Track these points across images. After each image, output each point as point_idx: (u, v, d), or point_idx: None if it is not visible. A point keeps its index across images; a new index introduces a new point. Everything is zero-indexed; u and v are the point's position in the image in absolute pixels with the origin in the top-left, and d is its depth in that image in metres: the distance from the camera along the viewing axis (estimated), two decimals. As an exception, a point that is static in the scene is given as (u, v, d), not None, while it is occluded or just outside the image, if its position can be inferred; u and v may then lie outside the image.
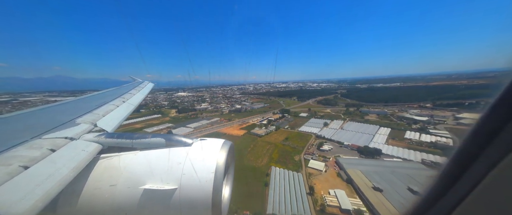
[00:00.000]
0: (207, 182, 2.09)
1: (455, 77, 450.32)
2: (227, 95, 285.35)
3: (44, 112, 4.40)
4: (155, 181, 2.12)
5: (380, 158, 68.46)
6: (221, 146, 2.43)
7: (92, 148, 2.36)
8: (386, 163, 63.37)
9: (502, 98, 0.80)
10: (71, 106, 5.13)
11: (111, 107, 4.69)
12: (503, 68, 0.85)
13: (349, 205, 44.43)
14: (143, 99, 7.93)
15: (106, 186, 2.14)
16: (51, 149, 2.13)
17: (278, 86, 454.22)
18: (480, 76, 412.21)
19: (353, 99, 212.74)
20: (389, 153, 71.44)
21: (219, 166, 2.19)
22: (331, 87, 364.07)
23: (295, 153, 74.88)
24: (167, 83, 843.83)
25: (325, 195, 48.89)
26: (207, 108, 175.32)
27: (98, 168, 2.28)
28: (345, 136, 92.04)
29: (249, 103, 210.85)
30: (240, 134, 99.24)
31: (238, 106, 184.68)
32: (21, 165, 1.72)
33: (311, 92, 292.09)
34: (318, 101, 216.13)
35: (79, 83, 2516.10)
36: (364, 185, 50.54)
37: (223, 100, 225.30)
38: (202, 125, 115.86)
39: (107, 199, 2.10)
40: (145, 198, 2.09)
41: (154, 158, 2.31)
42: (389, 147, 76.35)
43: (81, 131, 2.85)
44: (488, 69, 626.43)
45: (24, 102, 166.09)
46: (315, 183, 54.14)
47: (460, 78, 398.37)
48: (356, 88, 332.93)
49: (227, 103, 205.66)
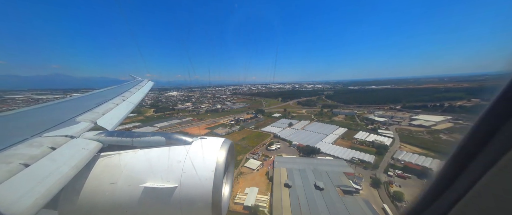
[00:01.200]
0: (207, 181, 2.08)
1: (447, 80, 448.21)
2: (216, 95, 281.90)
3: (44, 111, 4.27)
4: (155, 179, 2.11)
5: (315, 157, 69.85)
6: (221, 145, 2.42)
7: (92, 146, 2.32)
8: (316, 161, 65.20)
9: (499, 99, 0.80)
10: (71, 105, 5.03)
11: (111, 106, 4.58)
12: (499, 71, 0.85)
13: (253, 202, 45.10)
14: (143, 98, 7.73)
15: (107, 184, 2.12)
16: (52, 147, 2.10)
17: (274, 87, 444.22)
18: (472, 79, 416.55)
19: (334, 101, 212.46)
20: (327, 152, 72.71)
21: (219, 165, 2.19)
22: (323, 89, 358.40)
23: (242, 153, 75.65)
24: (167, 82, 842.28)
25: (239, 193, 49.30)
26: (188, 107, 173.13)
27: (99, 166, 2.25)
28: (300, 136, 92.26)
29: (232, 103, 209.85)
30: (201, 133, 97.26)
31: (219, 106, 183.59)
32: (21, 163, 1.69)
33: (300, 93, 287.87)
34: (299, 102, 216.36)
35: (78, 81, 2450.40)
36: (279, 182, 51.77)
37: (208, 100, 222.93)
38: (170, 125, 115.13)
39: (107, 197, 2.08)
40: (146, 196, 2.07)
41: (154, 157, 2.28)
42: (332, 146, 77.86)
43: (81, 129, 2.81)
44: (485, 72, 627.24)
45: (6, 100, 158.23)
46: (238, 182, 54.82)
47: (451, 81, 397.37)
48: (347, 89, 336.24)
49: (209, 103, 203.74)
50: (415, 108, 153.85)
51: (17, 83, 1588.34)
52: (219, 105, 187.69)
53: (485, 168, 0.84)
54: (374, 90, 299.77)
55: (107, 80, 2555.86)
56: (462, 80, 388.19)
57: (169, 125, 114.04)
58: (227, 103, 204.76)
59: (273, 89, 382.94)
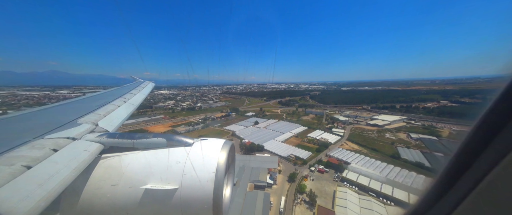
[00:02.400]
0: (208, 182, 2.06)
1: (438, 82, 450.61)
2: (205, 94, 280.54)
3: (46, 113, 4.23)
4: (156, 181, 2.08)
5: (254, 154, 70.89)
6: (222, 146, 2.39)
7: (93, 148, 2.28)
8: (252, 158, 65.65)
9: (501, 98, 0.79)
10: (73, 106, 4.99)
11: (112, 107, 4.59)
12: (493, 74, 0.90)
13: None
14: (143, 99, 7.62)
15: (108, 186, 2.08)
16: (53, 149, 2.06)
17: (269, 87, 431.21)
18: (462, 81, 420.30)
19: (315, 101, 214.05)
20: (270, 149, 74.22)
21: (220, 166, 2.16)
22: (315, 89, 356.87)
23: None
24: (166, 81, 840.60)
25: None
26: (168, 105, 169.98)
27: (100, 168, 2.21)
28: (256, 135, 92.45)
29: (214, 101, 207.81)
30: (162, 131, 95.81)
31: (199, 104, 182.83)
32: (23, 165, 1.67)
33: (288, 93, 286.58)
34: (280, 101, 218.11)
35: (75, 78, 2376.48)
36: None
37: (192, 99, 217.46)
38: (136, 122, 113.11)
39: (108, 199, 2.04)
40: (146, 198, 2.03)
41: (155, 158, 2.25)
42: (279, 144, 79.50)
43: (83, 131, 2.76)
44: (479, 75, 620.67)
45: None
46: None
47: (442, 83, 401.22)
48: (336, 90, 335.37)
49: (192, 101, 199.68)
50: (385, 108, 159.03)
51: (12, 80, 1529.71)
52: (199, 104, 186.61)
53: (489, 167, 0.82)
54: (361, 91, 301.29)
55: (105, 78, 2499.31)
56: (451, 83, 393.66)
57: (135, 122, 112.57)
58: (209, 102, 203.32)
59: (266, 89, 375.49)
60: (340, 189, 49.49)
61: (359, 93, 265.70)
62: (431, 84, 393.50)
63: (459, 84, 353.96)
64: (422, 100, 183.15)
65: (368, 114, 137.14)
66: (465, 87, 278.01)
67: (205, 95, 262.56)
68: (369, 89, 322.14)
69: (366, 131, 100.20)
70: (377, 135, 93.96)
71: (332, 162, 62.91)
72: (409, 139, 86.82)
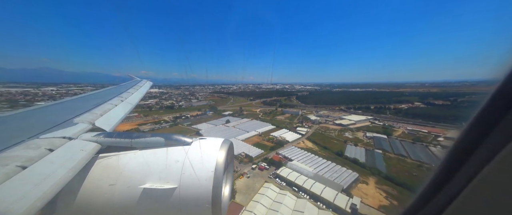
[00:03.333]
0: (206, 181, 2.02)
1: (428, 85, 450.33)
2: (194, 92, 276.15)
3: (41, 112, 4.09)
4: (154, 180, 2.03)
5: None
6: (220, 145, 2.34)
7: (90, 147, 2.21)
8: None
9: (495, 97, 0.80)
10: (68, 106, 4.83)
11: (109, 107, 4.46)
12: (483, 78, 0.86)
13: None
14: (141, 98, 7.46)
15: (106, 185, 2.02)
16: (49, 149, 1.99)
17: (264, 87, 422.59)
18: (450, 85, 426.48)
19: (299, 101, 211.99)
20: None
21: (219, 165, 2.12)
22: (307, 90, 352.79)
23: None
24: (163, 80, 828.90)
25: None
26: (149, 104, 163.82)
27: (97, 167, 2.14)
28: (221, 133, 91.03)
29: (198, 100, 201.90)
30: (123, 130, 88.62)
31: (181, 103, 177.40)
32: (18, 165, 1.62)
33: (277, 93, 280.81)
34: (263, 101, 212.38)
35: (68, 76, 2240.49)
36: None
37: (177, 97, 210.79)
38: None
39: (106, 199, 1.99)
40: (145, 197, 1.98)
41: (153, 157, 2.19)
42: (237, 142, 78.03)
43: (79, 130, 2.67)
44: (469, 79, 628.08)
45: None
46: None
47: (432, 86, 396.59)
48: (326, 91, 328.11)
49: (176, 100, 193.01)
50: (360, 109, 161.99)
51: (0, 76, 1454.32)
52: (182, 102, 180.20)
53: (480, 166, 0.84)
54: (348, 92, 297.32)
55: (100, 76, 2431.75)
56: (439, 86, 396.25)
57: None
58: (192, 101, 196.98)
59: (259, 89, 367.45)
60: (265, 185, 49.57)
61: (345, 95, 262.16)
62: (419, 87, 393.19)
63: (443, 87, 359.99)
64: (399, 102, 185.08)
65: (340, 114, 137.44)
66: (446, 90, 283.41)
67: (193, 94, 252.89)
68: (358, 91, 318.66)
69: (329, 130, 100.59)
70: (337, 134, 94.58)
71: (275, 159, 62.73)
72: (364, 138, 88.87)
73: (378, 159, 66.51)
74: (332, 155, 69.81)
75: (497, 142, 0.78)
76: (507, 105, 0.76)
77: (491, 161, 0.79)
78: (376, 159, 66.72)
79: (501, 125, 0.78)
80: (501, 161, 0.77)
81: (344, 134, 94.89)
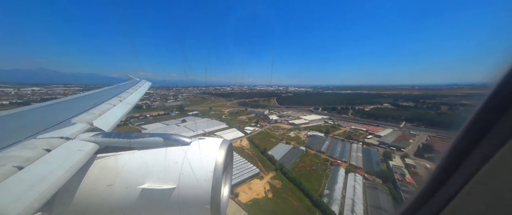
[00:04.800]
0: (205, 181, 1.97)
1: (417, 88, 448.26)
2: (178, 93, 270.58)
3: (38, 112, 3.93)
4: (153, 181, 1.97)
5: None
6: (219, 145, 2.28)
7: (88, 148, 2.12)
8: None
9: (491, 98, 0.80)
10: (66, 105, 4.65)
11: (107, 107, 4.34)
12: (471, 81, 0.55)
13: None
14: (140, 98, 7.24)
15: (103, 186, 1.95)
16: (46, 149, 1.90)
17: (257, 89, 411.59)
18: (434, 88, 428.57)
19: (278, 102, 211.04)
20: None
21: (218, 165, 2.07)
22: (297, 91, 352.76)
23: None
24: (161, 81, 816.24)
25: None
26: None
27: (95, 168, 2.06)
28: (164, 132, 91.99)
29: (175, 100, 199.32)
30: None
31: (156, 102, 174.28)
32: (15, 165, 1.56)
33: (259, 94, 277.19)
34: (239, 102, 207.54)
35: (65, 77, 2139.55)
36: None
37: (154, 98, 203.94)
38: None
39: (104, 199, 1.91)
40: (143, 197, 1.91)
41: (152, 158, 2.12)
42: None
43: (77, 130, 2.56)
44: (458, 82, 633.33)
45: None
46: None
47: (420, 89, 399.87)
48: (311, 93, 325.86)
49: (152, 101, 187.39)
50: (326, 109, 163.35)
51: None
52: (157, 102, 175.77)
53: (478, 166, 0.84)
54: (332, 94, 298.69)
55: (97, 77, 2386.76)
56: (428, 89, 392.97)
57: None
58: (168, 101, 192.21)
59: (249, 90, 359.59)
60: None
61: (323, 96, 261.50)
62: (404, 89, 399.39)
63: (427, 90, 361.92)
64: (371, 103, 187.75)
65: (301, 114, 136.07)
66: (427, 93, 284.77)
67: (176, 95, 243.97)
68: (342, 92, 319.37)
69: (278, 129, 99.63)
70: (281, 133, 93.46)
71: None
72: (304, 136, 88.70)
73: (295, 156, 65.95)
74: (256, 152, 70.25)
75: (494, 143, 0.78)
76: (504, 106, 0.75)
77: (488, 161, 0.79)
78: (294, 155, 66.18)
79: (498, 126, 0.77)
80: (498, 161, 0.76)
81: (288, 133, 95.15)
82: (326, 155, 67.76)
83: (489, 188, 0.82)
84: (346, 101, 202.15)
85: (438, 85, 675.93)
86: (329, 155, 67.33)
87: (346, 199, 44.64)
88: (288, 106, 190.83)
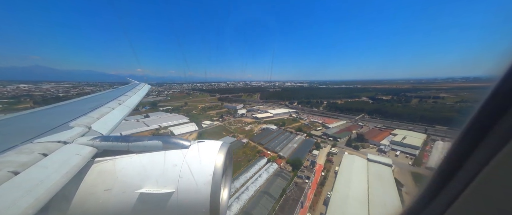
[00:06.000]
0: (205, 185, 1.94)
1: (413, 81, 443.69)
2: (167, 90, 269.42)
3: (35, 115, 3.89)
4: (151, 185, 1.93)
5: None
6: (219, 148, 2.25)
7: (86, 151, 2.11)
8: None
9: (492, 98, 0.79)
10: (64, 109, 4.60)
11: (106, 110, 4.33)
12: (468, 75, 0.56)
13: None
14: (139, 101, 7.21)
15: (101, 191, 1.91)
16: (43, 154, 1.88)
17: (253, 85, 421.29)
18: (428, 82, 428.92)
19: (261, 97, 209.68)
20: None
21: (217, 169, 2.05)
22: (290, 87, 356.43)
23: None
24: (160, 78, 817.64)
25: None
26: None
27: (93, 172, 2.03)
28: (120, 126, 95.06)
29: (154, 97, 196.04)
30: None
31: None
32: (10, 170, 1.54)
33: (244, 90, 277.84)
34: (219, 97, 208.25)
35: (60, 74, 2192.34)
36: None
37: None
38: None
39: (101, 204, 1.87)
40: (141, 202, 1.87)
41: (150, 161, 2.10)
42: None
43: (75, 134, 2.53)
44: (454, 76, 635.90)
45: None
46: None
47: (413, 83, 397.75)
48: (299, 88, 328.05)
49: None
50: (301, 103, 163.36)
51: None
52: None
53: (479, 167, 0.83)
54: (321, 89, 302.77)
55: (94, 74, 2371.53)
56: (421, 82, 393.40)
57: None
58: (149, 97, 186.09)
59: (241, 86, 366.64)
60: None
61: (313, 90, 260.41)
62: (399, 83, 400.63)
63: (416, 84, 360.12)
64: (352, 96, 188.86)
65: (273, 108, 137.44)
66: (416, 86, 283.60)
67: (162, 92, 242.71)
68: (335, 87, 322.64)
69: (237, 123, 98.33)
70: (238, 126, 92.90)
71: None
72: (258, 129, 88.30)
73: (232, 148, 65.41)
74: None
75: (496, 143, 0.77)
76: (505, 106, 0.74)
77: (490, 162, 0.78)
78: (232, 147, 66.19)
79: (499, 126, 0.76)
80: (500, 162, 0.75)
81: (245, 127, 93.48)
82: (263, 147, 67.29)
83: (492, 189, 0.81)
84: (329, 95, 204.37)
85: (433, 78, 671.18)
86: (266, 147, 67.04)
87: (244, 186, 45.81)
88: (266, 100, 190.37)
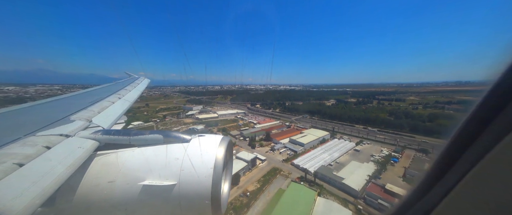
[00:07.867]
0: (206, 178, 2.01)
1: (405, 85, 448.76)
2: (157, 93, 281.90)
3: (37, 109, 3.91)
4: (154, 177, 2.00)
5: None
6: (219, 142, 2.31)
7: (88, 145, 2.15)
8: None
9: (485, 99, 0.82)
10: (65, 103, 4.59)
11: (106, 104, 4.34)
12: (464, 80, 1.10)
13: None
14: (138, 95, 7.25)
15: (105, 182, 1.98)
16: (46, 146, 1.91)
17: (247, 88, 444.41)
18: (417, 86, 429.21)
19: (242, 100, 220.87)
20: None
21: (218, 162, 2.11)
22: (279, 90, 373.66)
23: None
24: (161, 81, 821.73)
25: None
26: None
27: (96, 165, 2.09)
28: None
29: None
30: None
31: None
32: (15, 162, 1.57)
33: (230, 93, 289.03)
34: (189, 99, 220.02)
35: (64, 77, 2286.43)
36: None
37: None
38: None
39: (105, 196, 1.94)
40: (144, 194, 1.95)
41: (152, 155, 2.15)
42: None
43: (77, 128, 2.56)
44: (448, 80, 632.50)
45: None
46: None
47: (403, 86, 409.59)
48: (282, 90, 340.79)
49: None
50: (265, 105, 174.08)
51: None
52: None
53: (472, 164, 0.85)
54: (298, 91, 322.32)
55: (97, 77, 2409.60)
56: (412, 86, 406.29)
57: None
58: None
59: (232, 89, 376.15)
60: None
61: (289, 93, 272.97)
62: (384, 87, 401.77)
63: (401, 87, 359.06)
64: (322, 99, 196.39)
65: (225, 109, 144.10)
66: (398, 90, 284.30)
67: (150, 94, 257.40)
68: (311, 90, 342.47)
69: (172, 124, 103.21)
70: (165, 127, 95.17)
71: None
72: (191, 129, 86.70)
73: None
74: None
75: (487, 142, 0.79)
76: (499, 104, 0.76)
77: (481, 160, 0.81)
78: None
79: (493, 124, 0.78)
80: (492, 160, 0.78)
81: (178, 127, 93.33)
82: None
83: (483, 186, 0.83)
84: (300, 98, 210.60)
85: (426, 82, 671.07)
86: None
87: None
88: (234, 103, 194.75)
